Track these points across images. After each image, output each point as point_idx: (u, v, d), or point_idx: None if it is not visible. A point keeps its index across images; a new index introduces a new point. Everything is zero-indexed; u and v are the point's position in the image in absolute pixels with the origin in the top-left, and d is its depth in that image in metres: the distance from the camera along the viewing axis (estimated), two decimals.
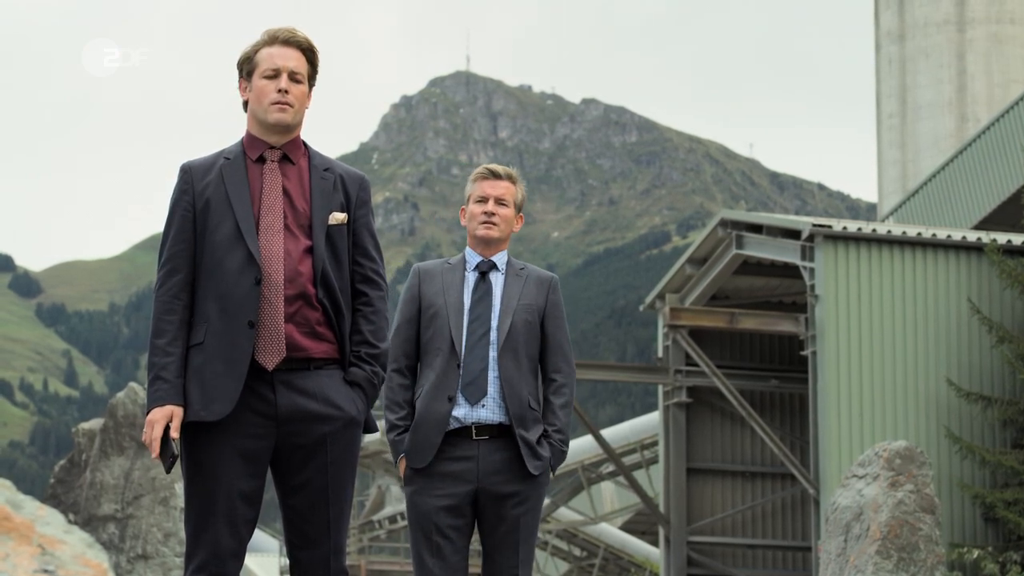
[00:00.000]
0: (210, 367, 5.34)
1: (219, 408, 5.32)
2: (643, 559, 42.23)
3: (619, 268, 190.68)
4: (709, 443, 28.48)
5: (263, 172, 5.53)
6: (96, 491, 12.40)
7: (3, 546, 10.57)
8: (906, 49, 48.39)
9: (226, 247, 5.41)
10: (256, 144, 5.57)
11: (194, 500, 5.39)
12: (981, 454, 24.07)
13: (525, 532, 6.41)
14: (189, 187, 5.50)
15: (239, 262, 5.39)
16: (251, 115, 5.59)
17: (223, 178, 5.48)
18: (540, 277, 6.61)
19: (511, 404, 6.36)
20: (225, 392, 5.33)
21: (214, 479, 5.35)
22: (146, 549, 12.21)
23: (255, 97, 5.55)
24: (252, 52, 5.58)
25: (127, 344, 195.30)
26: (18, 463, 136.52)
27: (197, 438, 5.37)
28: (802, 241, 25.01)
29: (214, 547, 5.35)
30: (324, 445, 5.43)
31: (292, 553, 5.52)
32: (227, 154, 5.56)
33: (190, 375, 5.37)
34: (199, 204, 5.46)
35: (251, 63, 5.57)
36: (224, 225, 5.43)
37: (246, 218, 5.43)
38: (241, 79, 5.60)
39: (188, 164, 5.57)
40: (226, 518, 5.35)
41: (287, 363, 5.40)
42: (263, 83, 5.52)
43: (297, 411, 5.40)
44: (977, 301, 24.84)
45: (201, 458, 5.37)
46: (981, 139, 32.18)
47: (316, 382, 5.43)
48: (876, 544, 13.49)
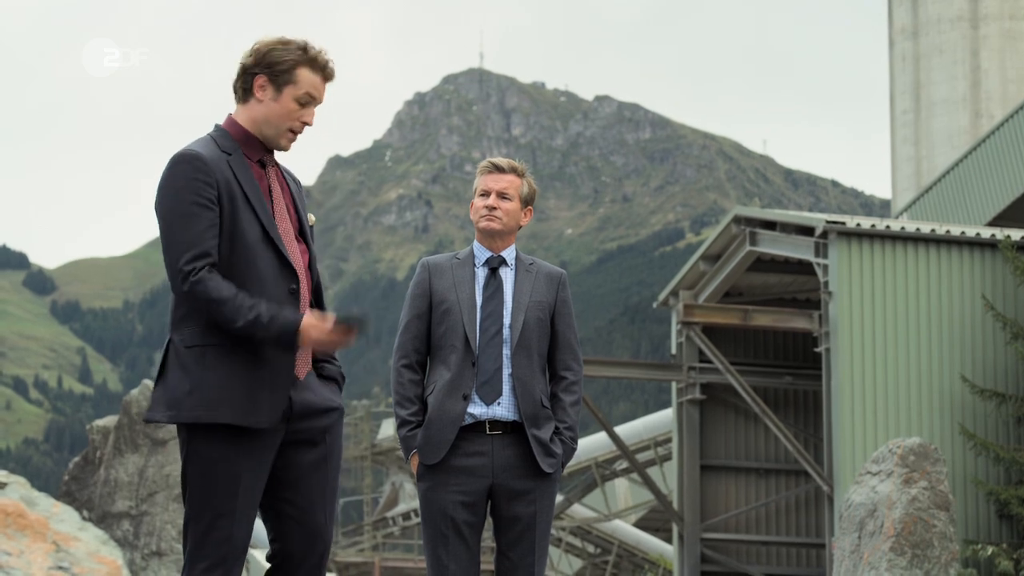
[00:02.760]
0: (254, 374, 5.29)
1: (266, 419, 5.30)
2: (657, 556, 42.20)
3: (633, 265, 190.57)
4: (723, 440, 28.46)
5: (267, 176, 5.48)
6: (110, 488, 12.42)
7: (18, 543, 10.60)
8: (920, 45, 48.30)
9: (257, 250, 5.33)
10: (254, 145, 5.45)
11: (209, 500, 5.30)
12: (995, 451, 24.04)
13: (540, 529, 6.40)
14: (212, 180, 5.30)
15: (272, 268, 5.34)
16: (260, 118, 5.43)
17: (236, 176, 5.36)
18: (550, 273, 6.57)
19: (523, 403, 6.35)
20: (272, 403, 5.30)
21: (236, 479, 5.30)
22: (160, 546, 12.22)
23: (279, 113, 5.39)
24: (291, 64, 5.37)
25: (141, 341, 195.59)
26: (33, 460, 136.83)
27: (223, 440, 5.30)
28: (816, 238, 24.98)
29: (227, 547, 5.30)
30: (324, 437, 5.47)
31: (284, 548, 5.46)
32: (223, 147, 5.40)
33: (237, 377, 5.29)
34: (224, 200, 5.31)
35: (287, 75, 5.38)
36: (251, 228, 5.33)
37: (270, 223, 5.37)
38: (261, 75, 5.40)
39: (199, 154, 5.32)
40: (243, 519, 5.32)
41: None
42: (293, 106, 5.39)
43: (305, 408, 5.42)
44: (991, 297, 24.80)
45: (222, 460, 5.30)
46: (995, 135, 32.11)
47: (311, 379, 5.47)
48: (890, 541, 13.48)
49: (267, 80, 5.39)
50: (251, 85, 5.42)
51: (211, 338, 5.32)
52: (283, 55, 5.38)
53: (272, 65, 5.39)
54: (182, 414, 5.30)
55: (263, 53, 5.39)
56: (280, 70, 5.38)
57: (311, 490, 5.45)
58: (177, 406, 5.31)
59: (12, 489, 11.17)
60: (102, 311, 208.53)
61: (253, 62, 5.40)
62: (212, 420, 5.27)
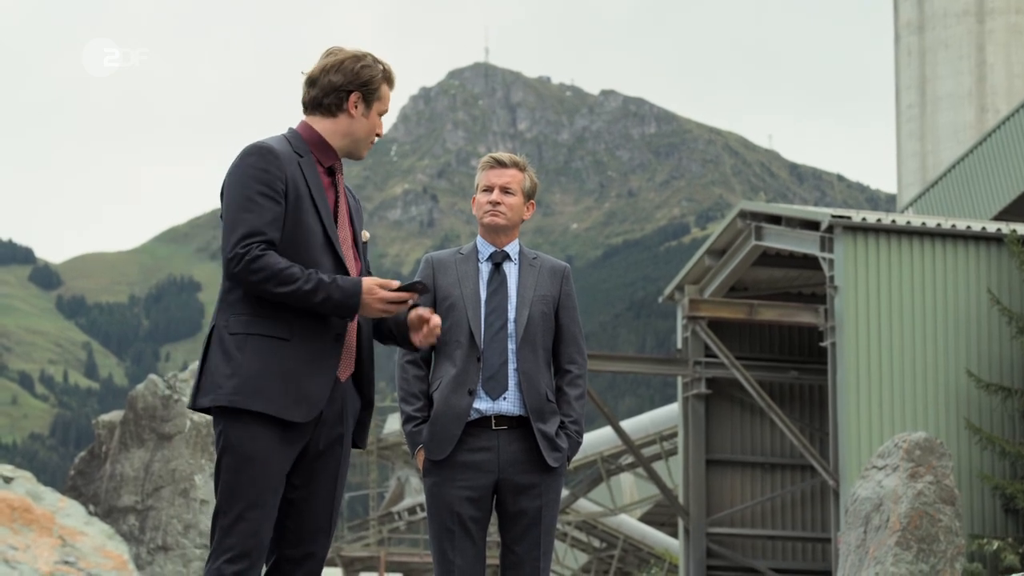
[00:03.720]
0: (301, 370, 5.31)
1: (303, 413, 5.31)
2: (662, 550, 42.25)
3: (638, 260, 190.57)
4: (728, 434, 28.47)
5: (335, 184, 5.54)
6: (116, 483, 12.44)
7: (24, 537, 10.62)
8: (925, 40, 48.28)
9: (317, 251, 5.38)
10: (329, 153, 5.53)
11: (239, 491, 5.29)
12: (1001, 445, 24.04)
13: (546, 524, 6.40)
14: (282, 173, 5.36)
15: (330, 271, 5.38)
16: (348, 132, 5.53)
17: (304, 176, 5.42)
18: (554, 267, 6.56)
19: (529, 397, 6.35)
20: (312, 400, 5.32)
21: (267, 472, 5.30)
22: (166, 541, 12.24)
23: (367, 128, 5.52)
24: (377, 81, 5.52)
25: (147, 336, 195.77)
26: (39, 455, 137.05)
27: (259, 431, 5.30)
28: (821, 232, 24.99)
29: (253, 541, 5.30)
30: (340, 441, 5.49)
31: (284, 547, 5.47)
32: (296, 148, 5.47)
33: (277, 369, 5.31)
34: (291, 196, 5.36)
35: (376, 92, 5.51)
36: (315, 229, 5.38)
37: (331, 227, 5.42)
38: (356, 92, 5.49)
39: (272, 147, 5.39)
40: (270, 513, 5.33)
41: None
42: (377, 120, 5.53)
43: (330, 415, 5.45)
44: (997, 292, 24.80)
45: (257, 451, 5.30)
46: (1001, 130, 32.10)
47: (348, 387, 5.51)
48: (896, 535, 13.48)
49: (360, 98, 5.51)
50: (344, 102, 5.51)
51: (256, 327, 5.32)
52: (372, 73, 5.51)
53: (366, 84, 5.51)
54: (219, 398, 5.30)
55: (354, 71, 5.50)
56: (372, 88, 5.52)
57: (318, 492, 5.47)
58: (215, 391, 5.31)
59: (18, 483, 11.19)
60: (108, 306, 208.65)
61: (345, 80, 5.50)
62: (247, 407, 5.26)
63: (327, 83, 5.51)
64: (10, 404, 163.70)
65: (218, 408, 5.33)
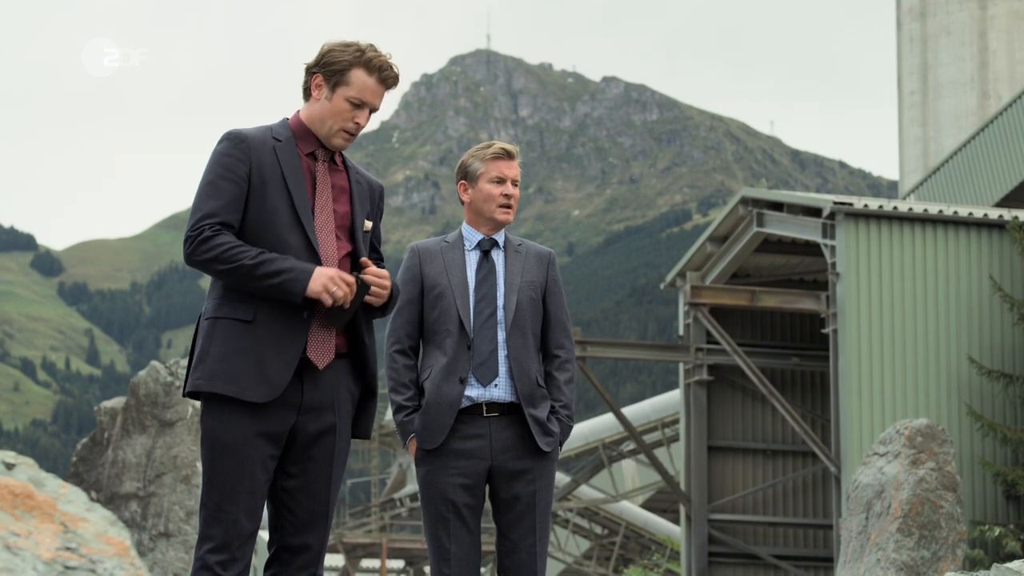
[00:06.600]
0: (262, 351, 5.32)
1: (264, 392, 5.31)
2: (664, 537, 42.26)
3: (640, 246, 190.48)
4: (730, 421, 28.48)
5: (315, 168, 5.53)
6: (118, 469, 12.45)
7: (26, 523, 10.62)
8: (927, 26, 48.22)
9: (284, 232, 5.38)
10: (309, 139, 5.53)
11: (216, 480, 5.34)
12: (1003, 431, 24.05)
13: (540, 509, 6.40)
14: (247, 157, 5.41)
15: (301, 252, 5.38)
16: (316, 116, 5.52)
17: (278, 160, 5.44)
18: (539, 253, 6.58)
19: (520, 383, 6.35)
20: (272, 381, 5.32)
21: (240, 461, 5.32)
22: (168, 527, 12.25)
23: (331, 112, 5.48)
24: (345, 65, 5.48)
25: (149, 323, 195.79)
26: (40, 441, 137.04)
27: (229, 417, 5.33)
28: (823, 219, 24.98)
29: (233, 530, 5.33)
30: (333, 431, 5.48)
31: (283, 536, 5.49)
32: (276, 134, 5.50)
33: (238, 351, 5.33)
34: (256, 179, 5.40)
35: (340, 75, 5.48)
36: (282, 211, 5.40)
37: (303, 209, 5.42)
38: (318, 74, 5.50)
39: (241, 133, 5.45)
40: (248, 501, 5.34)
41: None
42: (344, 106, 5.48)
43: (317, 401, 5.44)
44: (999, 278, 24.80)
45: (229, 438, 5.33)
46: (1003, 116, 32.07)
47: (331, 375, 5.49)
48: (897, 522, 13.49)
49: (323, 79, 5.51)
50: (310, 83, 5.54)
51: (222, 311, 5.38)
52: (339, 56, 5.49)
53: (328, 65, 5.50)
54: (191, 383, 5.38)
55: (323, 53, 5.52)
56: (335, 70, 5.49)
57: (313, 481, 5.48)
58: (190, 376, 5.40)
59: (20, 470, 11.19)
60: (110, 292, 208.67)
61: (314, 62, 5.54)
62: (211, 390, 5.31)
63: (305, 67, 5.57)
64: (12, 391, 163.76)
65: (197, 395, 5.40)
